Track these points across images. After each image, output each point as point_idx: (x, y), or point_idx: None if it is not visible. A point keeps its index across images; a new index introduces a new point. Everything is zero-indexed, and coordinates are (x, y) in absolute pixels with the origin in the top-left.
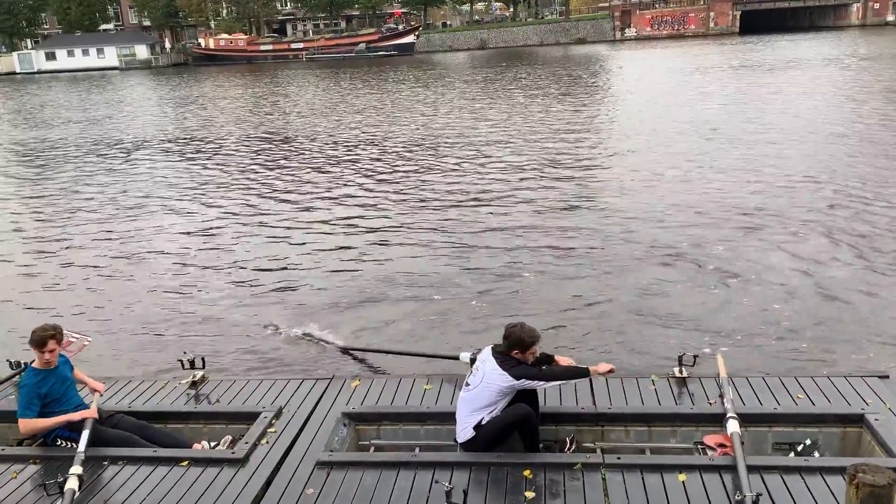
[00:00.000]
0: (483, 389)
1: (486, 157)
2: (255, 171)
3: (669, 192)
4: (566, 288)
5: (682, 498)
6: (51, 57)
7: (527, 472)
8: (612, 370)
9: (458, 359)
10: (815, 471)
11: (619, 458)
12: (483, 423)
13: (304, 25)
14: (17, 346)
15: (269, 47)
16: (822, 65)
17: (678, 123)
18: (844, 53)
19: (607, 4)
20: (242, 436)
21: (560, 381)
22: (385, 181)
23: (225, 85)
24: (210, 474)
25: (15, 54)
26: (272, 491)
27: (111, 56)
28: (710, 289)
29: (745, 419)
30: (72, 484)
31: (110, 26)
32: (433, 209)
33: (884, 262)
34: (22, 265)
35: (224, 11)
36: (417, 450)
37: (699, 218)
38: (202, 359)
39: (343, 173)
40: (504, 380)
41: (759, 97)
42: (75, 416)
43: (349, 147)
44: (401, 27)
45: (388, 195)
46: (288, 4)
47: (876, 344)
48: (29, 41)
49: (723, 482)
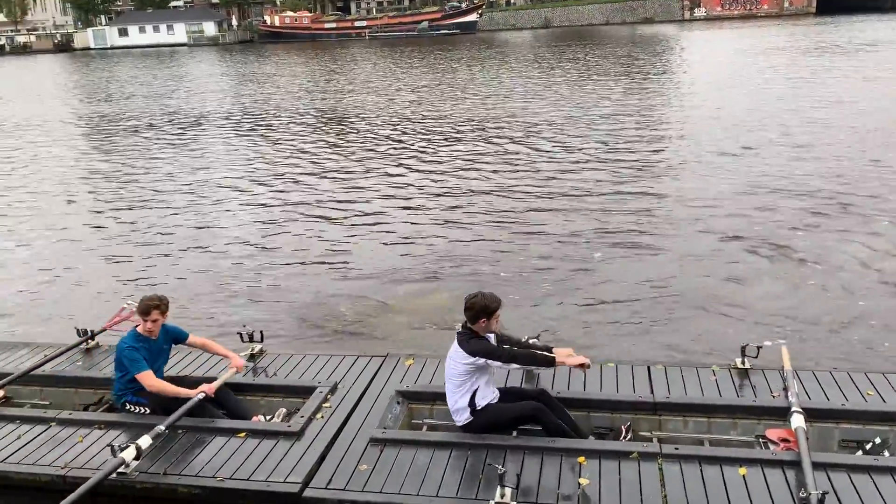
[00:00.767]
0: (450, 370)
1: (549, 139)
2: (315, 147)
3: (738, 178)
4: (631, 273)
5: (743, 492)
6: (123, 33)
7: (581, 459)
8: (584, 364)
9: None
10: (885, 470)
11: (676, 449)
12: (478, 407)
13: (368, 3)
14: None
15: (333, 25)
16: None
17: (746, 107)
18: None
19: None
20: (298, 409)
21: (522, 365)
22: (445, 160)
23: (287, 62)
24: (266, 446)
25: (90, 30)
26: (326, 465)
27: (180, 32)
28: (776, 278)
29: (811, 414)
30: (128, 454)
31: (180, 3)
32: (493, 190)
33: None
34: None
35: None
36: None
37: (768, 204)
38: (261, 333)
39: (400, 152)
40: (461, 357)
41: (829, 81)
42: (192, 393)
43: (406, 126)
44: (463, 5)
45: (448, 174)
46: None
47: None
48: (103, 17)
49: (786, 478)
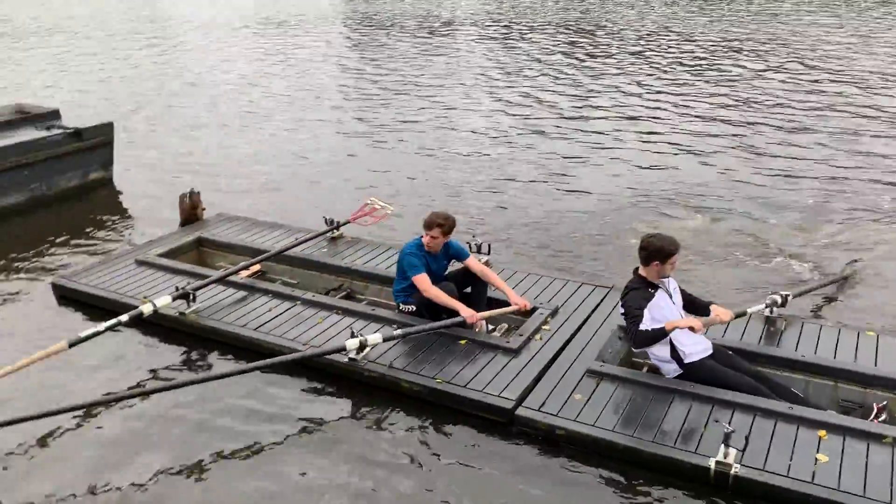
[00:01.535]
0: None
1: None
2: (554, 58)
3: None
4: None
5: None
6: None
7: (822, 433)
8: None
9: None
10: None
11: None
12: (685, 360)
13: None
14: (332, 206)
15: None
16: None
17: None
18: None
19: None
20: (517, 327)
21: (651, 341)
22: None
23: None
24: (484, 358)
25: None
26: (540, 388)
27: None
28: None
29: None
30: (351, 344)
31: None
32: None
33: None
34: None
35: None
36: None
37: None
38: (488, 245)
39: (647, 69)
40: (620, 309)
41: None
42: (463, 310)
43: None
44: None
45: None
46: None
47: None
48: None
49: None
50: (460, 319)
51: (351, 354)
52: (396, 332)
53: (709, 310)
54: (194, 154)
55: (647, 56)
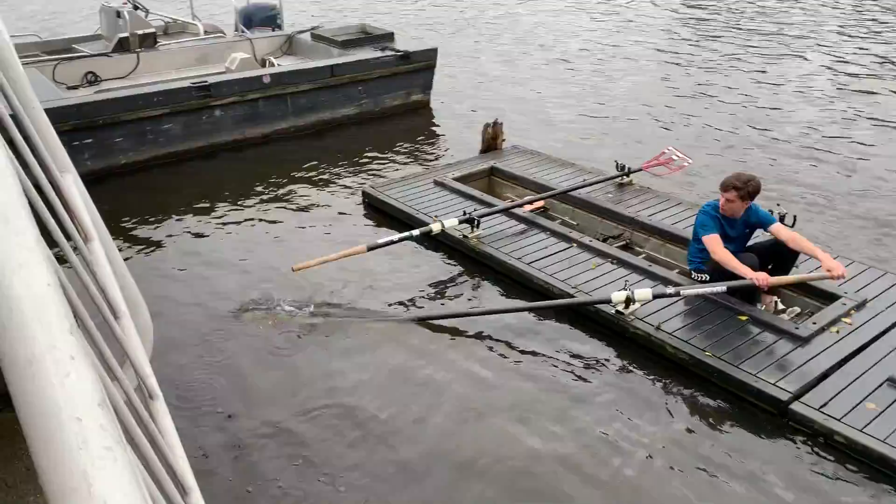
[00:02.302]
0: None
1: None
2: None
3: None
4: None
5: None
6: None
7: None
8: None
9: None
10: None
11: None
12: None
13: None
14: (624, 153)
15: None
16: None
17: None
18: None
19: None
20: (812, 314)
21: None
22: None
23: None
24: (765, 340)
25: None
26: (825, 386)
27: None
28: None
29: None
30: (617, 297)
31: None
32: None
33: None
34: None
35: None
36: None
37: None
38: (794, 217)
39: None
40: None
41: None
42: (750, 274)
43: None
44: None
45: None
46: None
47: None
48: None
49: None
50: (748, 282)
51: (618, 307)
52: (669, 289)
53: None
54: (504, 87)
55: None
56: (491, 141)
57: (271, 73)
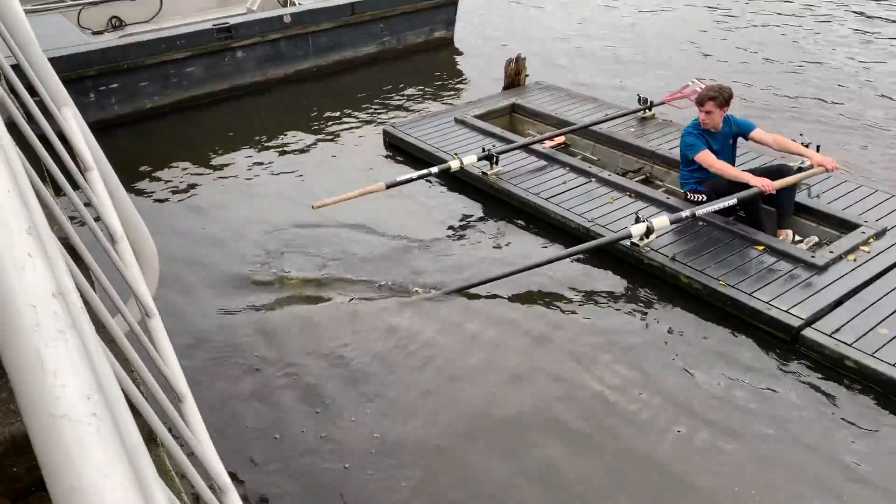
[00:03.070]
0: None
1: None
2: None
3: None
4: None
5: None
6: None
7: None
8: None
9: None
10: None
11: None
12: None
13: None
14: (648, 88)
15: None
16: None
17: None
18: None
19: None
20: (830, 242)
21: None
22: None
23: None
24: (780, 268)
25: None
26: (839, 312)
27: None
28: None
29: None
30: (637, 230)
31: None
32: None
33: None
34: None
35: None
36: None
37: None
38: (817, 147)
39: None
40: None
41: None
42: (754, 181)
43: None
44: None
45: None
46: None
47: None
48: None
49: None
50: (754, 189)
51: (634, 239)
52: (685, 213)
53: None
54: (530, 22)
55: None
56: (514, 77)
57: (292, 13)
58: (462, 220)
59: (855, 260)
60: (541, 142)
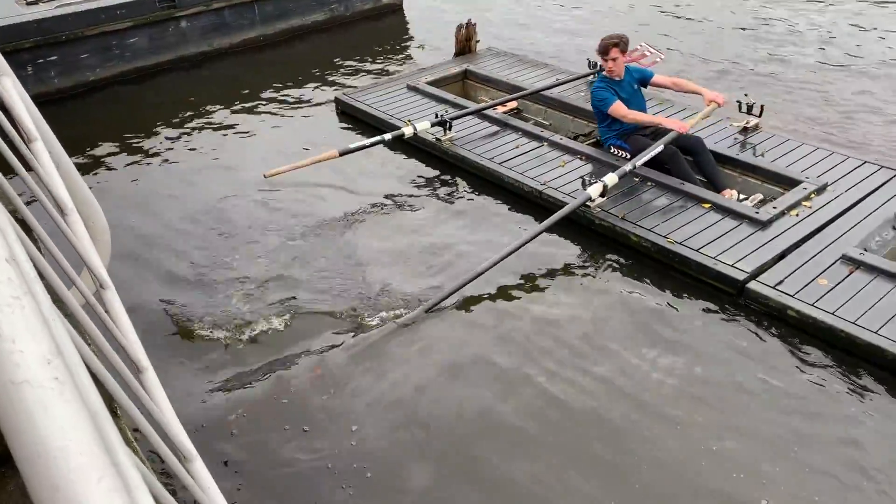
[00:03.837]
0: None
1: None
2: None
3: None
4: None
5: None
6: None
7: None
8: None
9: None
10: None
11: None
12: None
13: None
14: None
15: None
16: None
17: None
18: None
19: None
20: (774, 199)
21: None
22: None
23: None
24: (726, 225)
25: None
26: (781, 266)
27: None
28: None
29: None
30: (594, 190)
31: None
32: None
33: None
34: None
35: None
36: None
37: None
38: (761, 107)
39: None
40: None
41: None
42: (667, 122)
43: None
44: None
45: None
46: None
47: None
48: None
49: None
50: (673, 133)
51: (593, 202)
52: (627, 167)
53: None
54: None
55: None
56: (464, 43)
57: None
58: (416, 186)
59: (797, 215)
60: (493, 107)
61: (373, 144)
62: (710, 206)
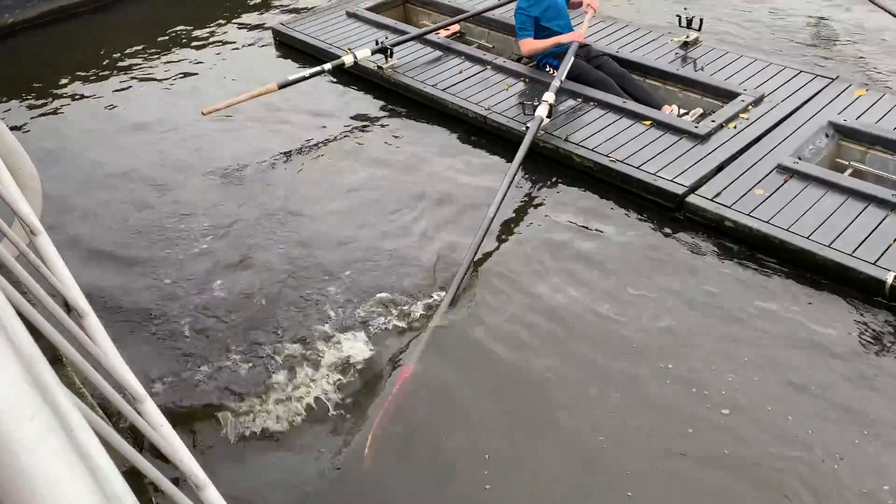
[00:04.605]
0: None
1: None
2: None
3: None
4: None
5: None
6: None
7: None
8: None
9: None
10: None
11: None
12: None
13: None
14: None
15: None
16: None
17: None
18: None
19: None
20: (713, 112)
21: None
22: None
23: None
24: (666, 141)
25: None
26: (720, 178)
27: None
28: None
29: None
30: (542, 111)
31: None
32: None
33: None
34: None
35: None
36: None
37: None
38: (700, 20)
39: None
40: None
41: None
42: (563, 38)
43: None
44: None
45: None
46: None
47: None
48: None
49: None
50: (574, 45)
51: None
52: (556, 83)
53: None
54: None
55: None
56: None
57: None
58: (360, 116)
59: (735, 127)
60: (435, 31)
61: (313, 75)
62: (650, 122)
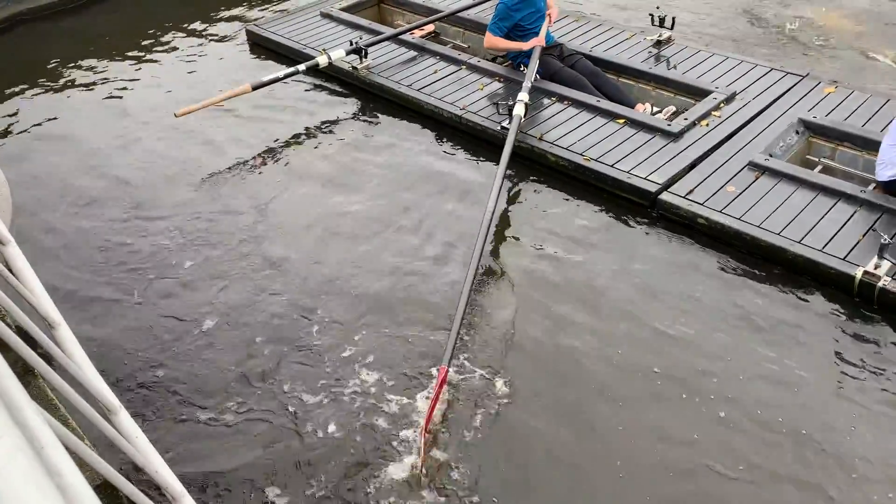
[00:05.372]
0: None
1: None
2: None
3: None
4: None
5: None
6: None
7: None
8: None
9: None
10: None
11: None
12: None
13: None
14: None
15: None
16: None
17: None
18: None
19: None
20: (686, 110)
21: None
22: None
23: None
24: (640, 139)
25: None
26: (692, 175)
27: None
28: None
29: None
30: (518, 110)
31: None
32: None
33: None
34: None
35: None
36: (871, 187)
37: None
38: (672, 19)
39: None
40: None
41: None
42: (525, 46)
43: None
44: None
45: None
46: None
47: None
48: None
49: None
50: (537, 48)
51: (503, 124)
52: (526, 82)
53: None
54: None
55: None
56: None
57: None
58: (335, 118)
59: (707, 125)
60: (410, 32)
61: (287, 76)
62: (624, 121)
